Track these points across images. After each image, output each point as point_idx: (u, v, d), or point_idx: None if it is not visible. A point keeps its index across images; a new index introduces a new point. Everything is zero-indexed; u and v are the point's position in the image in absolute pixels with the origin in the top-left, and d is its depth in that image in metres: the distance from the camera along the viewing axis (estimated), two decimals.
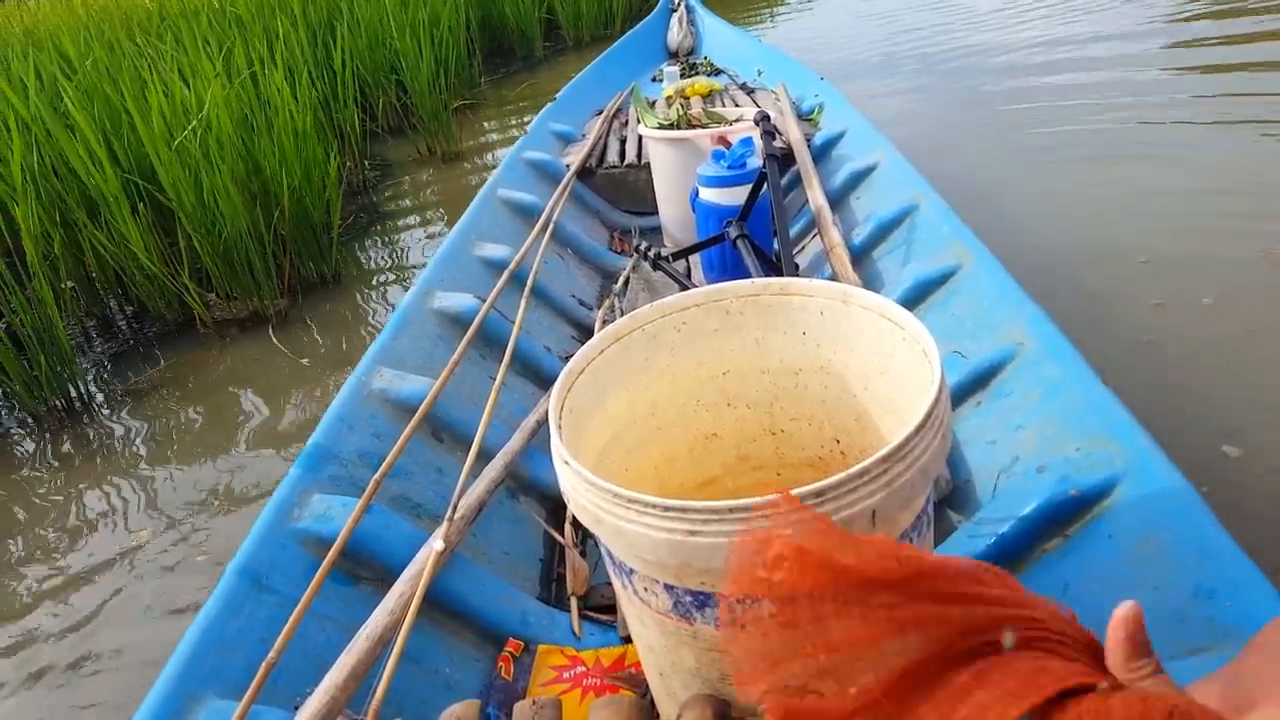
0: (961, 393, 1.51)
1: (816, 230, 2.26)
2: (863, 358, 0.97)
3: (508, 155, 2.95)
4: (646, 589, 0.81)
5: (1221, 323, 2.18)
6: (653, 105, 3.31)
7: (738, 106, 3.24)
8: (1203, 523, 0.98)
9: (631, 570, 0.81)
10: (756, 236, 2.10)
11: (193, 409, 2.77)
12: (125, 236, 3.08)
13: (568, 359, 0.95)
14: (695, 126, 2.56)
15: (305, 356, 2.97)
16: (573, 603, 1.37)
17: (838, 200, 2.50)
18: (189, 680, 1.01)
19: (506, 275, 2.04)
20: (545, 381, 1.91)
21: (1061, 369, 1.33)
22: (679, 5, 5.23)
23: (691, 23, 5.18)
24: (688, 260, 2.58)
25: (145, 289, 3.24)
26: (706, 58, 4.78)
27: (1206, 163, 3.09)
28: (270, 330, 3.16)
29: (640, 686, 1.15)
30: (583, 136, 3.44)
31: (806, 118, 3.20)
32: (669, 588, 0.78)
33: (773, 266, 2.06)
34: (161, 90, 3.19)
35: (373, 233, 4.13)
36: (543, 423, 1.60)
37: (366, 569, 1.27)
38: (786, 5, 8.45)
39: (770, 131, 2.23)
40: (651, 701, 1.01)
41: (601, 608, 1.37)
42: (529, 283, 2.08)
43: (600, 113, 3.69)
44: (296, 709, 1.02)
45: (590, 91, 4.00)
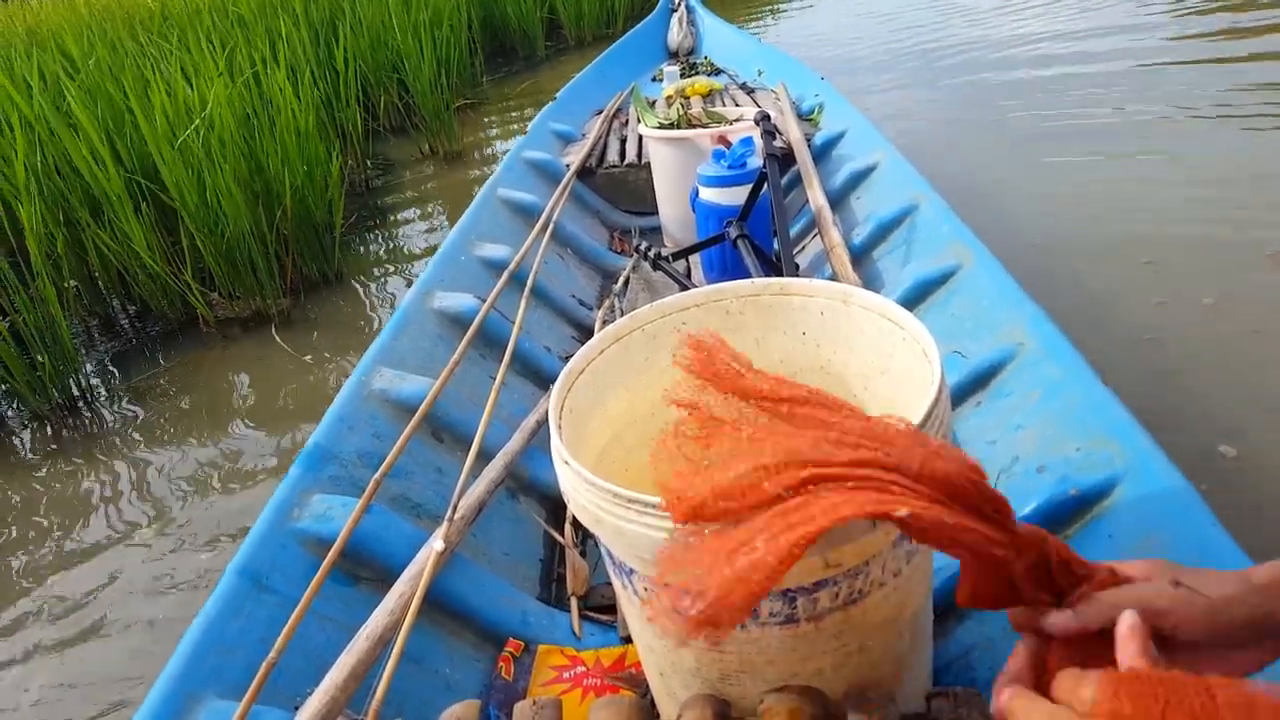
0: (961, 393, 1.51)
1: (817, 230, 2.26)
2: (863, 358, 0.97)
3: (507, 155, 2.94)
4: (647, 589, 0.81)
5: (1222, 322, 2.17)
6: (653, 105, 3.31)
7: (738, 106, 3.23)
8: (1203, 522, 0.98)
9: (631, 570, 0.81)
10: (756, 236, 2.10)
11: (195, 408, 2.78)
12: (128, 236, 3.09)
13: (568, 359, 0.95)
14: (695, 126, 2.56)
15: (308, 355, 2.97)
16: (573, 603, 1.37)
17: (838, 200, 2.50)
18: (189, 680, 1.01)
19: (506, 275, 2.04)
20: (545, 381, 1.91)
21: (1061, 369, 1.33)
22: (679, 5, 5.23)
23: (691, 22, 5.18)
24: (688, 260, 2.58)
25: (148, 288, 3.24)
26: (706, 57, 4.78)
27: (1209, 160, 3.09)
28: (273, 329, 3.16)
29: (640, 686, 1.15)
30: (583, 136, 3.44)
31: (807, 117, 3.20)
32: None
33: (773, 266, 2.06)
34: (164, 90, 3.19)
35: (375, 232, 4.13)
36: (543, 423, 1.60)
37: (366, 569, 1.27)
38: (787, 5, 8.45)
39: (770, 131, 2.23)
40: (652, 701, 1.01)
41: (602, 608, 1.37)
42: (529, 283, 2.08)
43: (600, 112, 3.69)
44: (297, 709, 1.02)
45: (590, 91, 4.00)
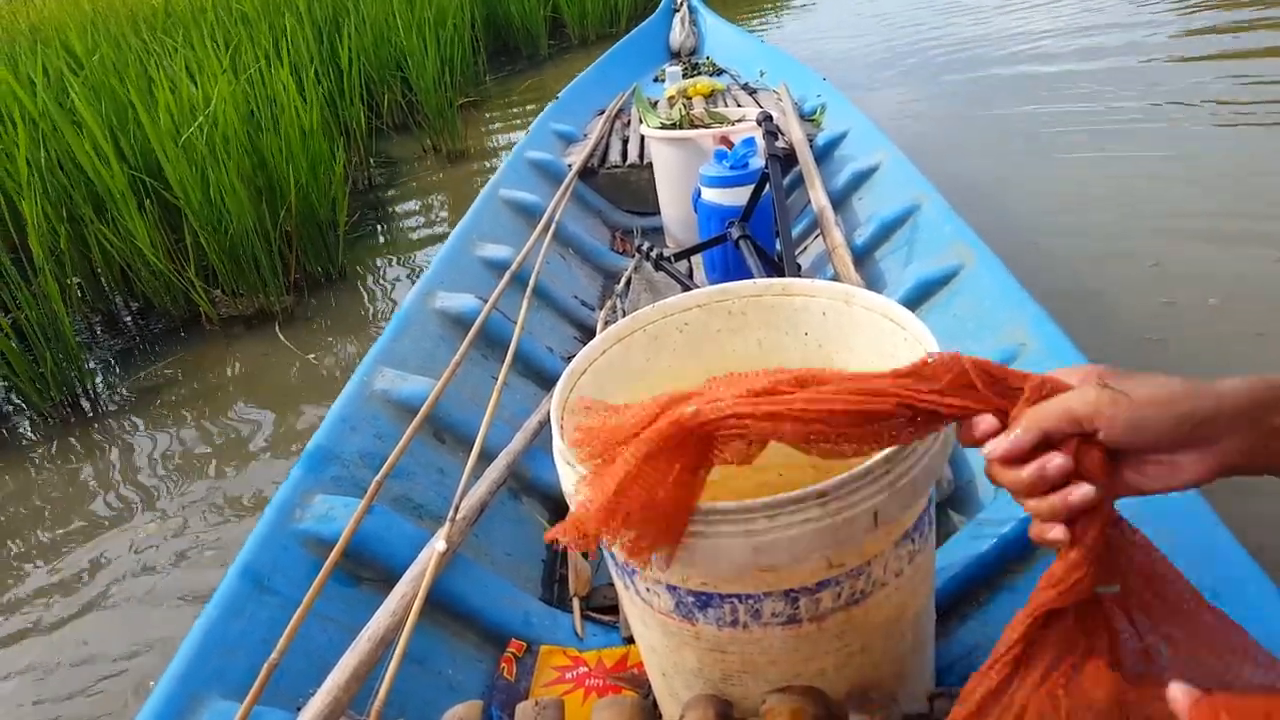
0: None
1: (819, 230, 2.26)
2: (865, 358, 0.96)
3: (509, 155, 2.94)
4: (649, 589, 0.81)
5: (1227, 323, 2.17)
6: (655, 105, 3.31)
7: (740, 107, 3.23)
8: (1206, 522, 0.97)
9: (633, 571, 0.81)
10: (759, 237, 2.10)
11: (198, 405, 2.78)
12: (132, 232, 3.09)
13: (570, 359, 0.95)
14: (697, 126, 2.56)
15: (311, 353, 2.98)
16: (575, 603, 1.37)
17: (840, 200, 2.50)
18: (192, 681, 1.02)
19: (508, 276, 2.04)
20: (547, 382, 1.91)
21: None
22: (681, 5, 5.22)
23: (694, 23, 5.18)
24: (690, 261, 2.58)
25: (151, 285, 3.24)
26: (709, 58, 4.78)
27: (1214, 159, 3.08)
28: (276, 327, 3.16)
29: (643, 687, 1.15)
30: (585, 136, 3.44)
31: (809, 118, 3.20)
32: (671, 588, 0.78)
33: (775, 267, 2.06)
34: (168, 87, 3.19)
35: (378, 230, 4.13)
36: (545, 423, 1.60)
37: (368, 570, 1.27)
38: (789, 5, 8.45)
39: (772, 132, 2.23)
40: (654, 702, 1.01)
41: (604, 608, 1.37)
42: (531, 283, 2.08)
43: (602, 112, 3.69)
44: (299, 710, 1.02)
45: (592, 91, 3.99)
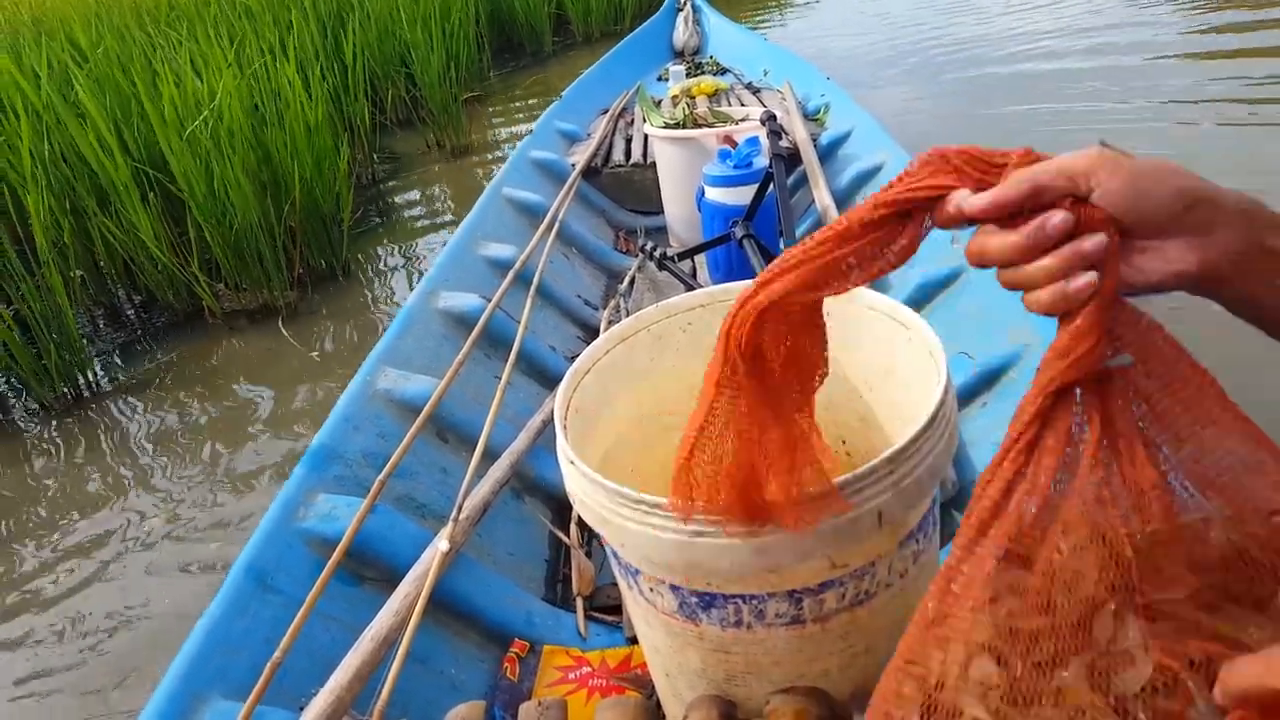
0: (968, 394, 1.51)
1: None
2: (868, 358, 0.96)
3: (513, 154, 2.94)
4: (652, 589, 0.81)
5: (1231, 324, 2.16)
6: (658, 104, 3.31)
7: (743, 106, 3.23)
8: None
9: (637, 571, 0.81)
10: (762, 236, 2.09)
11: (200, 399, 2.78)
12: (135, 225, 3.09)
13: (573, 359, 0.95)
14: (701, 126, 2.56)
15: (315, 349, 2.98)
16: (578, 603, 1.37)
17: (844, 200, 2.49)
18: (194, 680, 1.02)
19: (512, 275, 2.04)
20: (551, 381, 1.91)
21: None
22: (685, 4, 5.22)
23: (697, 22, 5.18)
24: (693, 260, 2.58)
25: (154, 278, 3.25)
26: (712, 57, 4.77)
27: (1215, 158, 3.06)
28: (280, 322, 3.16)
29: (646, 687, 1.15)
30: (588, 136, 3.44)
31: (812, 117, 3.20)
32: (675, 588, 0.78)
33: None
34: (173, 80, 3.19)
35: (382, 226, 4.13)
36: (548, 423, 1.60)
37: (371, 569, 1.27)
38: (793, 4, 8.44)
39: (776, 131, 2.22)
40: (657, 702, 1.01)
41: (607, 608, 1.37)
42: (534, 282, 2.08)
43: (606, 112, 3.69)
44: (301, 709, 1.02)
45: (596, 90, 3.99)
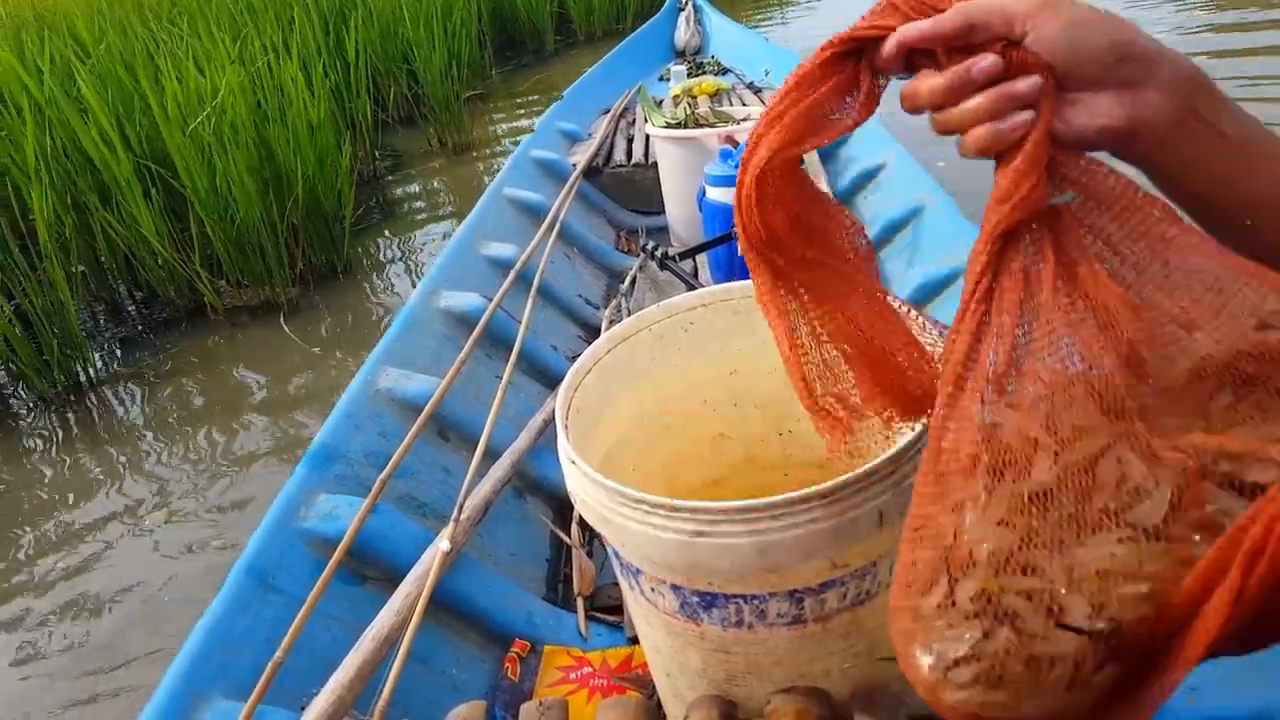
0: None
1: None
2: None
3: (514, 154, 2.94)
4: (653, 589, 0.81)
5: None
6: (660, 104, 3.31)
7: (745, 106, 3.23)
8: None
9: (638, 570, 0.81)
10: None
11: (201, 395, 2.78)
12: (137, 221, 3.10)
13: (574, 359, 0.95)
14: (702, 126, 2.55)
15: (316, 345, 2.98)
16: (579, 603, 1.36)
17: (845, 200, 2.49)
18: (195, 680, 1.02)
19: (513, 275, 2.04)
20: (552, 381, 1.91)
21: None
22: (686, 4, 5.22)
23: (699, 22, 5.17)
24: (695, 260, 2.57)
25: (156, 274, 3.25)
26: (714, 57, 4.77)
27: None
28: (281, 318, 3.16)
29: (647, 687, 1.15)
30: (589, 135, 3.44)
31: None
32: (676, 588, 0.78)
33: None
34: (175, 76, 3.20)
35: (383, 223, 4.13)
36: (549, 422, 1.60)
37: (373, 569, 1.27)
38: (794, 3, 8.44)
39: None
40: (658, 702, 1.01)
41: (608, 608, 1.37)
42: (535, 282, 2.08)
43: (607, 111, 3.68)
44: (302, 709, 1.02)
45: (597, 90, 3.99)
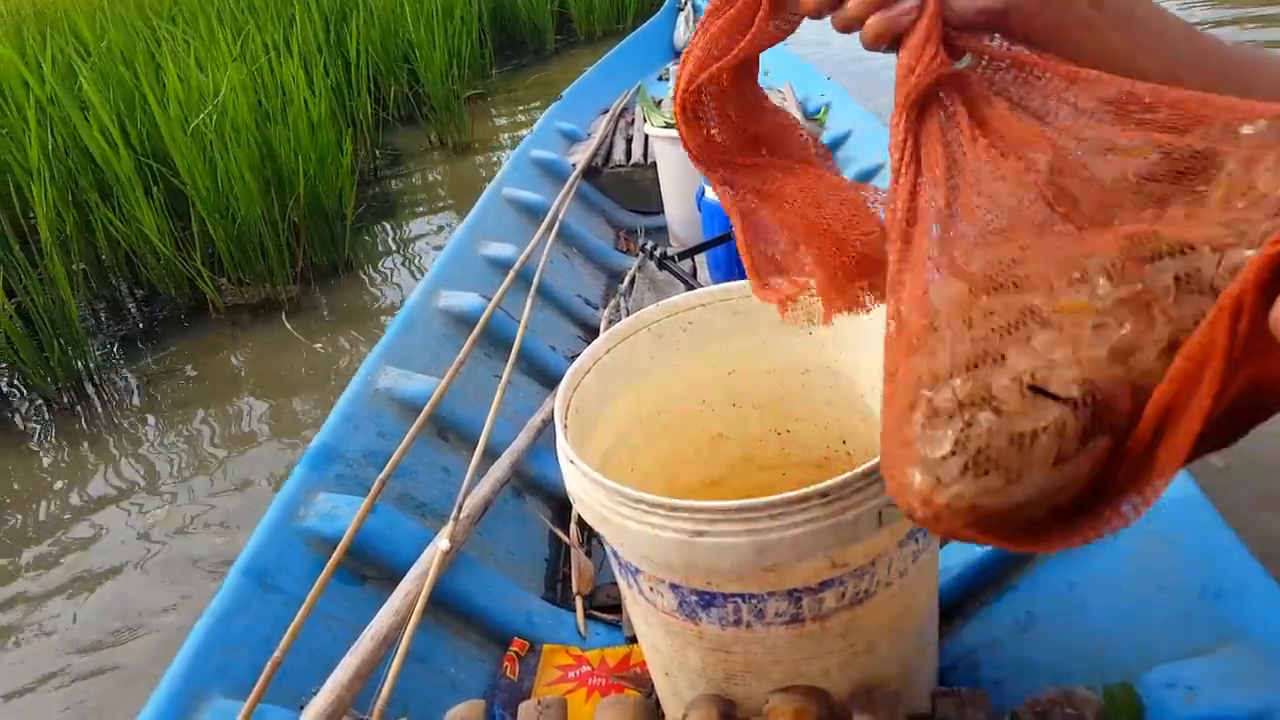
0: None
1: None
2: (872, 360, 0.96)
3: (513, 154, 2.94)
4: (652, 589, 0.81)
5: None
6: (659, 104, 3.31)
7: None
8: (1209, 522, 0.97)
9: (637, 570, 0.81)
10: None
11: (202, 393, 2.78)
12: (138, 218, 3.09)
13: (573, 358, 0.95)
14: None
15: (318, 343, 2.97)
16: (578, 602, 1.37)
17: None
18: (194, 679, 1.02)
19: (512, 275, 2.04)
20: (551, 381, 1.91)
21: None
22: (686, 4, 5.21)
23: (698, 22, 5.17)
24: (693, 260, 2.58)
25: (156, 272, 3.24)
26: None
27: None
28: (283, 316, 3.16)
29: (645, 686, 1.15)
30: (589, 135, 3.44)
31: (813, 118, 3.20)
32: (675, 587, 0.78)
33: None
34: (176, 74, 3.20)
35: (383, 222, 4.13)
36: (548, 422, 1.60)
37: (372, 568, 1.28)
38: None
39: None
40: (657, 701, 1.01)
41: (607, 607, 1.37)
42: (535, 282, 2.08)
43: (606, 111, 3.68)
44: (302, 708, 1.03)
45: (596, 90, 3.99)
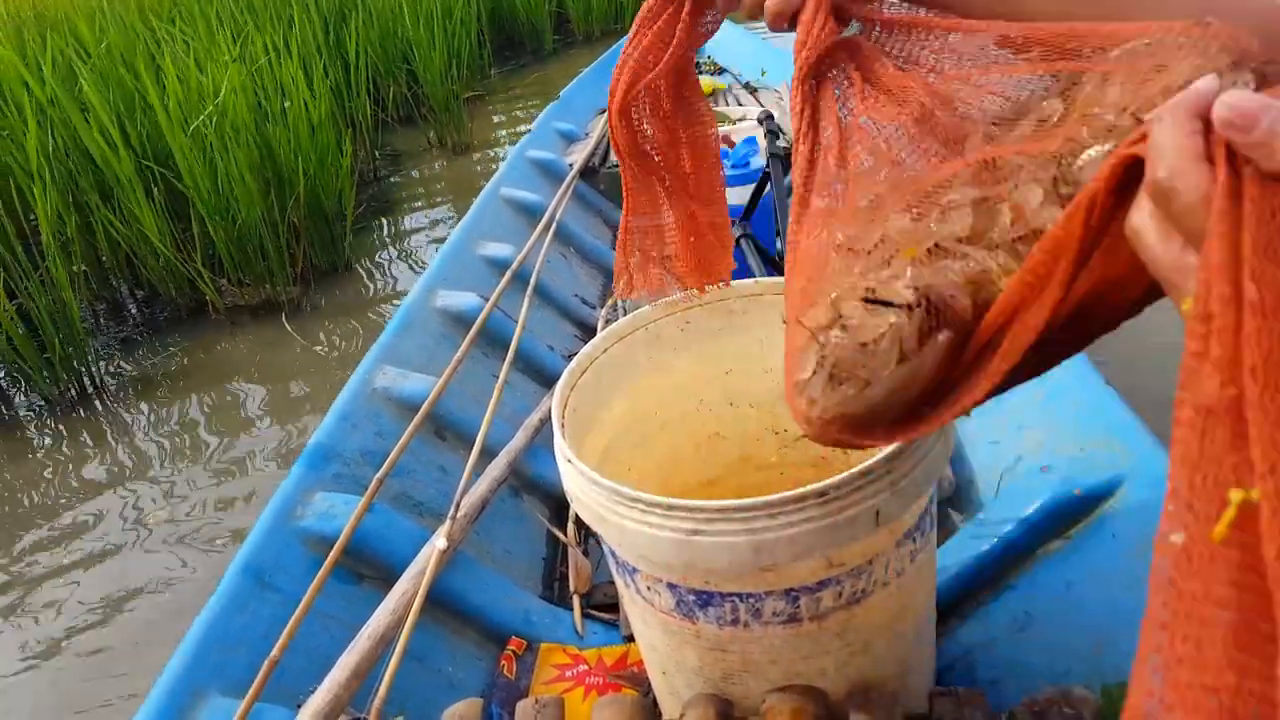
0: None
1: None
2: None
3: (511, 154, 2.94)
4: (649, 588, 0.81)
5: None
6: None
7: (741, 106, 3.23)
8: None
9: (634, 569, 0.81)
10: (759, 236, 2.10)
11: (203, 393, 2.78)
12: (138, 220, 3.09)
13: (570, 358, 0.95)
14: None
15: (318, 344, 2.97)
16: (575, 601, 1.37)
17: None
18: (192, 678, 1.02)
19: (509, 274, 2.04)
20: (548, 380, 1.91)
21: (1066, 369, 1.31)
22: None
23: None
24: None
25: (157, 273, 3.24)
26: (710, 57, 4.77)
27: None
28: (283, 317, 3.16)
29: (643, 685, 1.15)
30: (586, 135, 3.44)
31: None
32: (672, 587, 0.78)
33: (776, 266, 2.06)
34: (176, 75, 3.19)
35: (383, 222, 4.12)
36: (546, 421, 1.60)
37: (369, 567, 1.28)
38: None
39: (774, 131, 2.22)
40: (654, 700, 1.01)
41: (604, 606, 1.37)
42: (532, 282, 2.08)
43: (604, 111, 3.68)
44: (299, 707, 1.02)
45: (594, 90, 3.99)
